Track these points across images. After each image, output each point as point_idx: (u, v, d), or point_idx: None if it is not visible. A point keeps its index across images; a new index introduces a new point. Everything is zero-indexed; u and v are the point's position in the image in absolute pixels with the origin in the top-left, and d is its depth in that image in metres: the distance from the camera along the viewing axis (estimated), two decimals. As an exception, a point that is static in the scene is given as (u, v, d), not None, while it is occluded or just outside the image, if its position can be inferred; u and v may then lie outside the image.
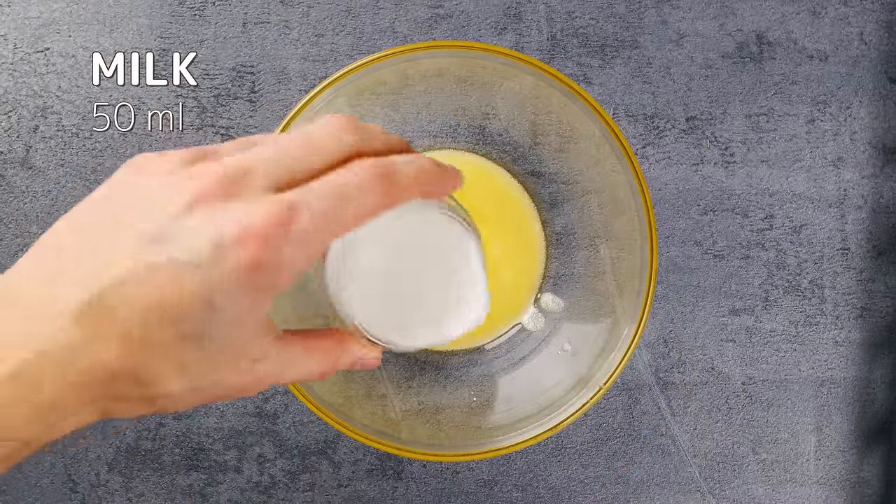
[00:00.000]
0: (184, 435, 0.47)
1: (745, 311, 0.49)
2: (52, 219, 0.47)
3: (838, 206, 0.49)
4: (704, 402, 0.49)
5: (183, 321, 0.23)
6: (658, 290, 0.49)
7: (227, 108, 0.48)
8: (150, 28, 0.47)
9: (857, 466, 0.49)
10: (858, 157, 0.49)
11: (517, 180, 0.48)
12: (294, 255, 0.24)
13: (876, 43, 0.49)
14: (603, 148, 0.43)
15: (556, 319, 0.47)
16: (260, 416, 0.48)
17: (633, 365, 0.49)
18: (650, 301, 0.41)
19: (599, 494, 0.49)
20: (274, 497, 0.48)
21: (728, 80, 0.49)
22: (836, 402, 0.49)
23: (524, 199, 0.48)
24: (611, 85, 0.49)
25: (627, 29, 0.48)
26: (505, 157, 0.48)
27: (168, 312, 0.23)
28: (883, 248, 0.49)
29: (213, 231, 0.23)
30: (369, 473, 0.48)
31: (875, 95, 0.49)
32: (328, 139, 0.26)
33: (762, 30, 0.49)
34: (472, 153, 0.48)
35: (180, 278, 0.23)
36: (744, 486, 0.49)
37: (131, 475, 0.48)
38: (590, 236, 0.47)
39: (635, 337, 0.41)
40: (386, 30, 0.48)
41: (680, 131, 0.49)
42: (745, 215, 0.49)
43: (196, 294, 0.23)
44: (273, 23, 0.48)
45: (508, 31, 0.48)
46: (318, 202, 0.24)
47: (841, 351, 0.49)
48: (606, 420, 0.49)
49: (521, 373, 0.47)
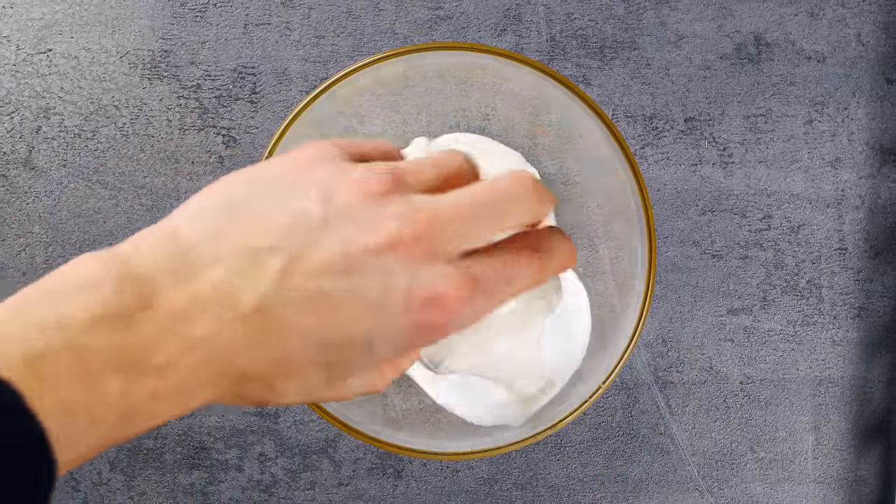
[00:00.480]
0: (185, 434, 0.48)
1: (743, 311, 0.49)
2: (55, 219, 0.48)
3: (836, 206, 0.49)
4: (703, 402, 0.49)
5: (338, 354, 0.24)
6: (657, 290, 0.49)
7: (228, 109, 0.48)
8: (152, 29, 0.48)
9: (855, 465, 0.50)
10: (856, 158, 0.49)
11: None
12: (461, 324, 0.25)
13: (873, 44, 0.49)
14: (602, 149, 0.43)
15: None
16: (261, 415, 0.48)
17: (631, 364, 0.49)
18: (649, 301, 0.41)
19: (598, 493, 0.49)
20: (275, 496, 0.48)
21: (726, 82, 0.49)
22: (833, 402, 0.50)
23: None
24: (610, 86, 0.49)
25: (626, 30, 0.49)
26: (505, 158, 0.48)
27: (329, 343, 0.24)
28: (880, 248, 0.50)
29: (406, 284, 0.24)
30: (370, 472, 0.48)
31: (872, 96, 0.49)
32: (516, 205, 0.27)
33: (760, 31, 0.49)
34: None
35: (357, 315, 0.24)
36: (742, 485, 0.50)
37: (133, 474, 0.48)
38: (589, 236, 0.47)
39: (634, 336, 0.41)
40: (386, 31, 0.48)
41: (678, 132, 0.49)
42: (744, 215, 0.49)
43: (363, 336, 0.24)
44: (274, 24, 0.48)
45: (508, 32, 0.49)
46: (492, 281, 0.26)
47: (838, 350, 0.50)
48: (605, 419, 0.49)
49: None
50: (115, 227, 0.48)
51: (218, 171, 0.48)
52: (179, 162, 0.48)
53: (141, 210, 0.48)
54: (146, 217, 0.48)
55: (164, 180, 0.48)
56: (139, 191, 0.48)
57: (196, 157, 0.48)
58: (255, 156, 0.48)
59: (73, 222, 0.48)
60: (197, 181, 0.48)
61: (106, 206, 0.48)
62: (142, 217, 0.48)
